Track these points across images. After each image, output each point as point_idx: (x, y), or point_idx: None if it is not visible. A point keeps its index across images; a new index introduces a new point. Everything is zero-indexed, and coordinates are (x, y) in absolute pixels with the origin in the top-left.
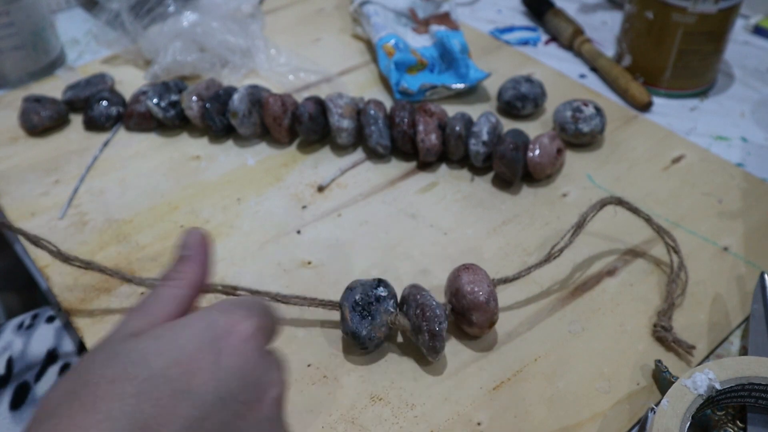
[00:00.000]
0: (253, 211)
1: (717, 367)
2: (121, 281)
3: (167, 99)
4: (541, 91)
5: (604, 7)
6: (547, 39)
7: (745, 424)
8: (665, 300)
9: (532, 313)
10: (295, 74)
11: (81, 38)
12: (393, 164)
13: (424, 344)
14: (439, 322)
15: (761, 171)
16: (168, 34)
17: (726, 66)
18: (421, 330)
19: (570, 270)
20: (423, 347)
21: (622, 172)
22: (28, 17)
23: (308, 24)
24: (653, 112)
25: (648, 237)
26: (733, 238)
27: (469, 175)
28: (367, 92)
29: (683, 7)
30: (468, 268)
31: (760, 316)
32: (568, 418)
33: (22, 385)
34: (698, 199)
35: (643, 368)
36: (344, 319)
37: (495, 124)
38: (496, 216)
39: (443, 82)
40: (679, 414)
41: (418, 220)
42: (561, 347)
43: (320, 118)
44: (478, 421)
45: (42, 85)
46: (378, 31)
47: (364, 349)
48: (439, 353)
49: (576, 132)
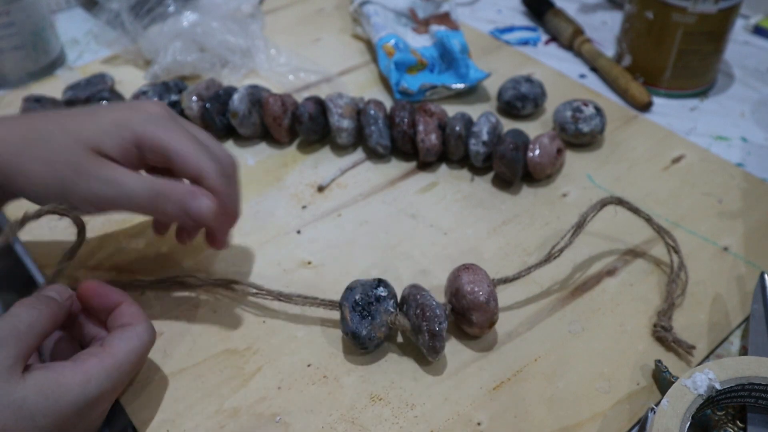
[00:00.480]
0: (254, 211)
1: (717, 367)
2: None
3: (167, 99)
4: (541, 91)
5: (604, 7)
6: (547, 39)
7: (745, 424)
8: (665, 300)
9: (532, 313)
10: (295, 74)
11: (81, 38)
12: (393, 164)
13: (424, 344)
14: (439, 322)
15: (761, 171)
16: (168, 34)
17: (726, 66)
18: (421, 330)
19: (570, 270)
20: (423, 347)
21: (622, 172)
22: (28, 17)
23: (308, 24)
24: (653, 112)
25: (648, 237)
26: (733, 238)
27: (469, 175)
28: (367, 92)
29: (683, 7)
30: (468, 268)
31: (760, 316)
32: (568, 418)
33: None
34: (698, 199)
35: (643, 368)
36: (344, 319)
37: (495, 124)
38: (496, 216)
39: (443, 82)
40: (679, 414)
41: (418, 220)
42: (561, 347)
43: (320, 118)
44: (478, 421)
45: (42, 85)
46: (378, 31)
47: (364, 349)
48: (439, 353)
49: (576, 132)
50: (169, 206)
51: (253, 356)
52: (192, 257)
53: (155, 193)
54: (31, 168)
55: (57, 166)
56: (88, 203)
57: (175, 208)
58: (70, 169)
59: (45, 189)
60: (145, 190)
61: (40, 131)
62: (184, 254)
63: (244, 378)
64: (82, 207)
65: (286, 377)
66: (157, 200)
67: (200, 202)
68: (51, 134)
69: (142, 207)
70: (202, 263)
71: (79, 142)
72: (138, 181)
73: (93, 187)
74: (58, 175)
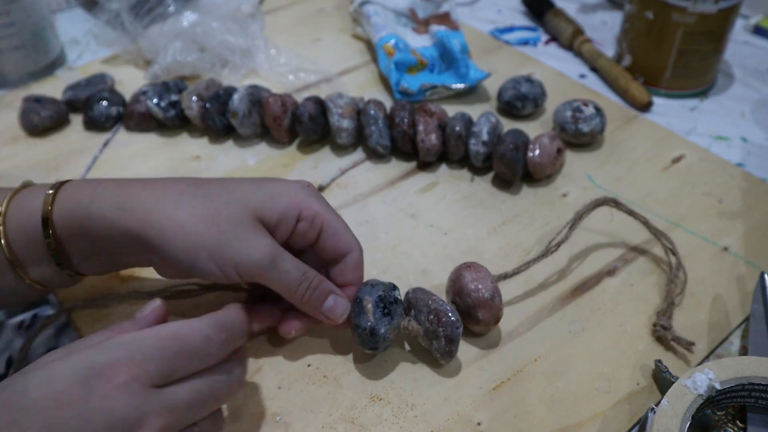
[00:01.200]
0: None
1: (717, 367)
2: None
3: (167, 99)
4: (541, 91)
5: (604, 7)
6: (547, 39)
7: (745, 424)
8: (664, 299)
9: (532, 313)
10: (295, 74)
11: (81, 38)
12: (393, 164)
13: (440, 349)
14: (455, 327)
15: (761, 171)
16: (168, 34)
17: (726, 66)
18: (437, 335)
19: (570, 270)
20: (437, 352)
21: (622, 172)
22: (28, 17)
23: (308, 24)
24: (653, 112)
25: (648, 237)
26: (733, 238)
27: (469, 175)
28: (367, 92)
29: (683, 7)
30: (470, 267)
31: (760, 316)
32: (568, 418)
33: None
34: (698, 199)
35: (643, 368)
36: (364, 312)
37: (495, 124)
38: (496, 216)
39: (443, 82)
40: (679, 414)
41: (418, 220)
42: (561, 347)
43: (320, 118)
44: (478, 421)
45: (42, 85)
46: (378, 31)
47: (373, 348)
48: (453, 357)
49: (576, 132)
50: (312, 295)
51: (253, 356)
52: None
53: (306, 278)
54: (189, 221)
55: (218, 223)
56: (237, 267)
57: (316, 301)
58: (232, 229)
59: (198, 244)
60: (299, 271)
61: (204, 189)
62: None
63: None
64: (227, 271)
65: (286, 377)
66: (302, 286)
67: (338, 303)
68: (216, 194)
69: (285, 287)
70: None
71: (246, 206)
72: (294, 260)
73: (250, 252)
74: (217, 230)
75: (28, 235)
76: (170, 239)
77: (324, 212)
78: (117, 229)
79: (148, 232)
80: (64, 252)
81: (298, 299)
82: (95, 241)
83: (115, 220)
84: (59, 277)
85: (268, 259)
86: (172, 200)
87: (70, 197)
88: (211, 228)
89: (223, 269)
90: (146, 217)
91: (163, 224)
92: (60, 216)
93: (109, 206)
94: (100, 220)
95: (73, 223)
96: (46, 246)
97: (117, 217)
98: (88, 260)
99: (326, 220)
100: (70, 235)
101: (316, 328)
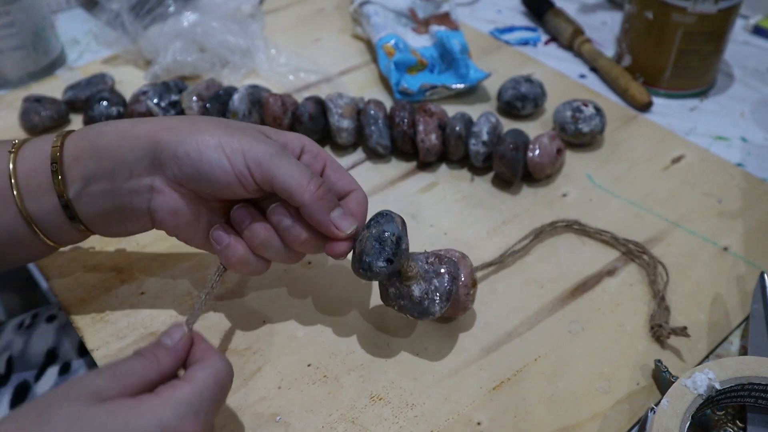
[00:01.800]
0: None
1: (717, 367)
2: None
3: (167, 99)
4: (541, 91)
5: (604, 7)
6: (547, 39)
7: (745, 424)
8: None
9: (532, 313)
10: (295, 74)
11: (81, 38)
12: (393, 164)
13: (440, 288)
14: (457, 267)
15: (761, 171)
16: (168, 34)
17: (726, 66)
18: (438, 273)
19: (570, 270)
20: (436, 292)
21: (622, 172)
22: (28, 17)
23: (308, 24)
24: (653, 112)
25: (648, 237)
26: (733, 238)
27: (469, 175)
28: (367, 92)
29: (683, 7)
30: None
31: (760, 316)
32: (568, 418)
33: (22, 384)
34: (698, 199)
35: (643, 368)
36: (393, 221)
37: (495, 124)
38: (496, 216)
39: (443, 82)
40: (679, 414)
41: (418, 220)
42: (561, 347)
43: (320, 118)
44: (478, 421)
45: (42, 85)
46: (378, 31)
47: (368, 270)
48: (450, 301)
49: (576, 132)
50: (326, 195)
51: (253, 356)
52: (192, 258)
53: (316, 176)
54: (201, 124)
55: (229, 127)
56: (246, 155)
57: (328, 203)
58: (241, 130)
59: (208, 134)
60: (308, 169)
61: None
62: (184, 255)
63: (244, 378)
64: (235, 161)
65: (286, 377)
66: (314, 180)
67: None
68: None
69: (296, 179)
70: (202, 263)
71: (255, 127)
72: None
73: (259, 144)
74: (227, 131)
75: (35, 168)
76: (180, 136)
77: (326, 154)
78: (128, 136)
79: (160, 134)
80: (65, 181)
81: (310, 194)
82: (101, 159)
83: (127, 130)
84: (57, 215)
85: (277, 146)
86: (187, 118)
87: (84, 128)
88: (223, 129)
89: (232, 159)
90: (160, 122)
91: (174, 124)
92: (72, 140)
93: (123, 123)
94: (112, 132)
95: (84, 142)
96: (51, 175)
97: (130, 127)
98: (87, 188)
99: (329, 158)
100: (77, 157)
101: (317, 329)
